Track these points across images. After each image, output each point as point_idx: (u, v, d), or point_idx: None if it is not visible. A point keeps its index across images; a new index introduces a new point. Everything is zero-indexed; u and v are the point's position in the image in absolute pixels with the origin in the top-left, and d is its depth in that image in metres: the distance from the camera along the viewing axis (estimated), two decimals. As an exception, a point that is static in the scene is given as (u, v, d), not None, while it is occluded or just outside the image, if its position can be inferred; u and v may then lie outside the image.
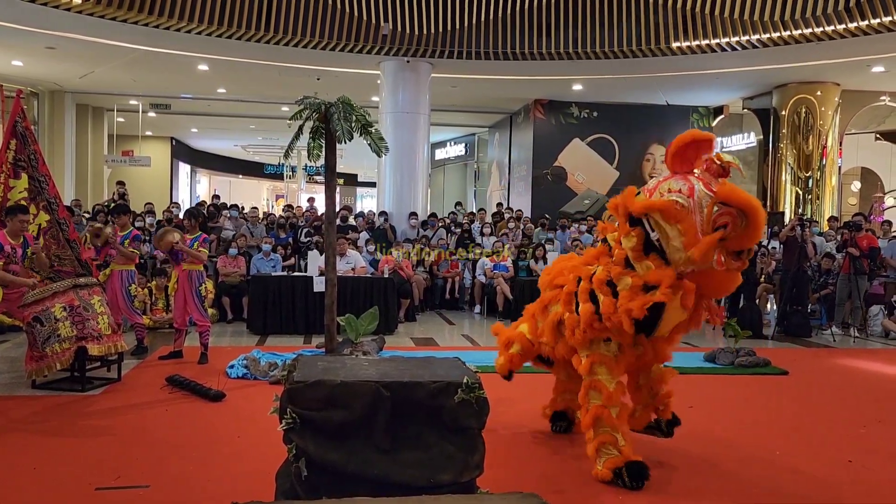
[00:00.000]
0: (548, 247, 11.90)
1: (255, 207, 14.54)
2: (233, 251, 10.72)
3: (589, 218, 14.68)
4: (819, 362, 8.50)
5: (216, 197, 15.22)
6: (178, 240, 7.24)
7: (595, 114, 17.21)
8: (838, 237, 11.57)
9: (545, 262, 10.93)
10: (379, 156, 7.31)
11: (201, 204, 15.15)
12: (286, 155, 7.00)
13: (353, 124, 6.74)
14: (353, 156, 24.38)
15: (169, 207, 12.96)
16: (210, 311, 9.16)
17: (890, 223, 12.49)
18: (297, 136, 6.96)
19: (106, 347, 6.16)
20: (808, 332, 10.31)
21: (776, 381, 7.17)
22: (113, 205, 10.97)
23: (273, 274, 10.15)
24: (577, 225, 13.64)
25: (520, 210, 15.53)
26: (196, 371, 6.76)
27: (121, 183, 14.80)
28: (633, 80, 14.66)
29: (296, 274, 10.32)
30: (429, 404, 3.01)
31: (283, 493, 2.99)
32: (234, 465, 4.31)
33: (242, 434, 4.92)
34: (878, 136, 17.29)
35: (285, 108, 17.32)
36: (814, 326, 10.63)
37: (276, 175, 29.79)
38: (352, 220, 13.55)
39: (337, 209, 13.72)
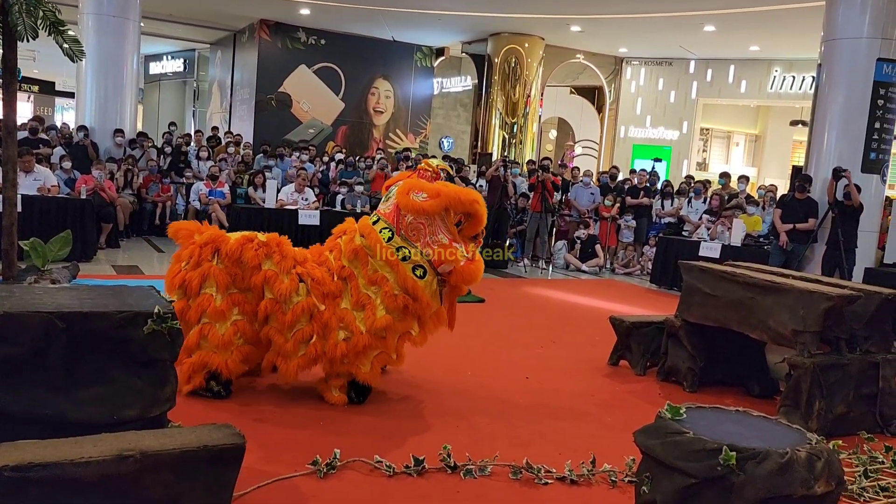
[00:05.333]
0: (267, 174, 11.61)
1: None
2: None
3: (311, 147, 14.54)
4: (512, 291, 9.48)
5: None
6: None
7: (323, 42, 16.95)
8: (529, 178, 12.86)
9: (264, 191, 10.67)
10: (73, 61, 6.45)
11: None
12: (-52, 48, 5.90)
13: (38, 20, 5.87)
14: (49, 60, 21.34)
15: None
16: None
17: (578, 169, 14.12)
18: (-37, 28, 5.89)
19: None
20: (504, 265, 11.41)
21: (474, 307, 7.84)
22: None
23: (-64, 190, 8.65)
24: (298, 154, 13.44)
25: (239, 135, 14.89)
26: None
27: None
28: (361, 11, 14.65)
29: (-32, 191, 8.90)
30: (114, 336, 2.79)
31: (-72, 442, 2.60)
32: None
33: None
34: (572, 90, 19.38)
35: (-44, -7, 14.49)
36: (510, 259, 11.79)
37: (-53, 73, 25.07)
38: (43, 134, 11.96)
39: (26, 120, 12.06)
